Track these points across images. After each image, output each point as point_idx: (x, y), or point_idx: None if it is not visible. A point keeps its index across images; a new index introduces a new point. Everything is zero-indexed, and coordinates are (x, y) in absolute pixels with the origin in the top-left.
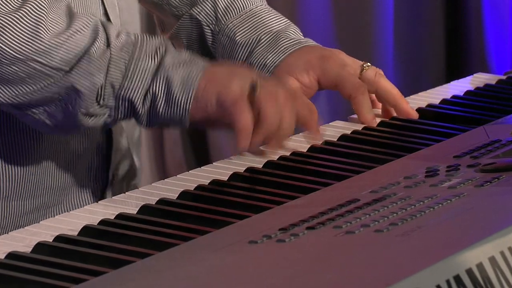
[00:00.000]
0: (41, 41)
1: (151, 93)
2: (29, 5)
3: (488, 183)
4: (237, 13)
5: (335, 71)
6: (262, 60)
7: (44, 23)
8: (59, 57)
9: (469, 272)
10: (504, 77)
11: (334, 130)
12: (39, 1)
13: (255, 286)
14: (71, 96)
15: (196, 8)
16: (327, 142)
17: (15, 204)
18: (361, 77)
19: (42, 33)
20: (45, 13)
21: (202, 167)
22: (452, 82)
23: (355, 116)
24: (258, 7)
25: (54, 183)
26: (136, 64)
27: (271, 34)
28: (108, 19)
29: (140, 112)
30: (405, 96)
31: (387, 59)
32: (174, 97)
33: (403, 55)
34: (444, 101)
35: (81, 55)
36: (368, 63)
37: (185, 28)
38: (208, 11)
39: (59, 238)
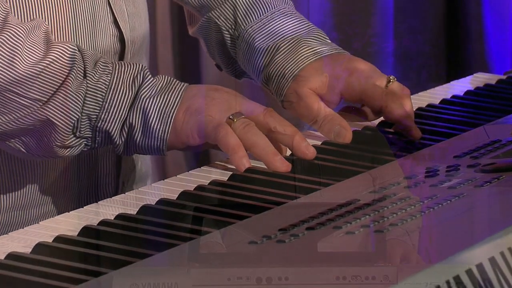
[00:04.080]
0: (16, 71)
1: (127, 125)
2: (6, 34)
3: (488, 183)
4: (257, 17)
5: (361, 85)
6: (281, 70)
7: (20, 53)
8: (35, 87)
9: (469, 272)
10: (504, 77)
11: None
12: (16, 30)
13: (254, 287)
14: (46, 129)
15: (215, 11)
16: (327, 142)
17: (19, 214)
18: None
19: (18, 63)
20: (22, 43)
21: (201, 167)
22: (452, 82)
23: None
24: (280, 10)
25: (61, 191)
26: (113, 95)
27: (291, 41)
28: (118, 26)
29: (117, 142)
30: None
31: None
32: (151, 128)
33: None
34: (444, 101)
35: (58, 86)
36: (394, 77)
37: (205, 31)
38: (227, 15)
39: (58, 239)
